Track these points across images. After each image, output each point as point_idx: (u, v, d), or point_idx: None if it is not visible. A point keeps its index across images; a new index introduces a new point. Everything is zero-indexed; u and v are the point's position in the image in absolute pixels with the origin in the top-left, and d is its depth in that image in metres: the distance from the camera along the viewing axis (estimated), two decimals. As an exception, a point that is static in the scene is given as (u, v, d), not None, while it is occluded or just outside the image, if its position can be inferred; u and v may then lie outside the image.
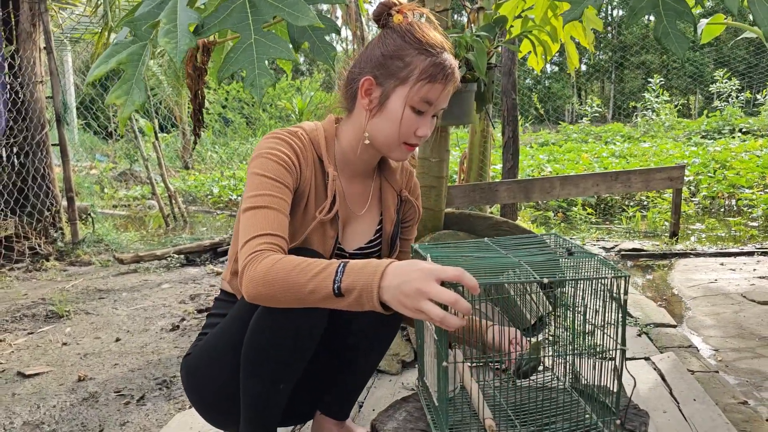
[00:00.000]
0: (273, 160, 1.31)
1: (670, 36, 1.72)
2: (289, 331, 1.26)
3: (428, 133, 1.37)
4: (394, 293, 1.05)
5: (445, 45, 1.36)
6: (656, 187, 4.83)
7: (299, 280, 1.12)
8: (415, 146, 1.38)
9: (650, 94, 13.50)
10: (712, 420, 1.80)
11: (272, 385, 1.31)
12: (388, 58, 1.33)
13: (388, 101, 1.33)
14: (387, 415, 1.28)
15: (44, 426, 2.02)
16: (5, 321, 3.14)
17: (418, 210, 1.58)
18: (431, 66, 1.30)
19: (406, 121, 1.33)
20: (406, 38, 1.33)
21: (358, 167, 1.45)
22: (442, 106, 1.36)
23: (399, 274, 1.06)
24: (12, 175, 4.73)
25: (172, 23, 1.61)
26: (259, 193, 1.27)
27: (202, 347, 1.43)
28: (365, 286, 1.08)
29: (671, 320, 2.80)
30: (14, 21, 4.74)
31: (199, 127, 3.29)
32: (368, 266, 1.09)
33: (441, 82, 1.31)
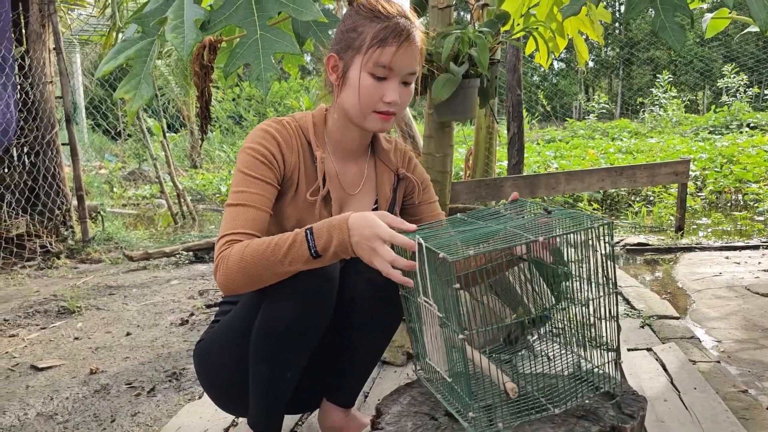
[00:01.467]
0: (253, 156, 1.37)
1: (667, 29, 1.75)
2: (297, 318, 1.30)
3: (396, 98, 1.37)
4: (359, 244, 1.19)
5: (405, 12, 1.39)
6: (661, 181, 4.84)
7: (275, 257, 1.23)
8: (389, 114, 1.39)
9: (658, 90, 13.46)
10: (712, 408, 1.83)
11: (280, 372, 1.36)
12: (346, 32, 1.39)
13: (349, 72, 1.38)
14: (391, 399, 1.32)
15: (57, 417, 2.07)
16: (18, 317, 3.20)
17: (415, 181, 1.59)
18: (381, 30, 1.34)
19: (368, 89, 1.36)
20: (360, 11, 1.39)
21: (349, 147, 1.49)
22: (407, 70, 1.37)
23: (361, 227, 1.18)
24: (23, 175, 4.80)
25: (179, 19, 1.66)
26: (239, 189, 1.35)
27: (213, 333, 1.48)
28: (339, 243, 1.20)
29: (674, 312, 2.82)
30: (24, 22, 4.80)
31: (206, 124, 3.33)
32: (332, 226, 1.21)
33: (393, 44, 1.33)
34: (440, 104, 2.52)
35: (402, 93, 1.39)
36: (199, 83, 3.04)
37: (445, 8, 2.70)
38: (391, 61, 1.34)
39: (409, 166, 1.61)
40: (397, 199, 1.58)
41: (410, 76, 1.39)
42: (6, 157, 4.73)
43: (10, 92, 4.59)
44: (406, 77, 1.38)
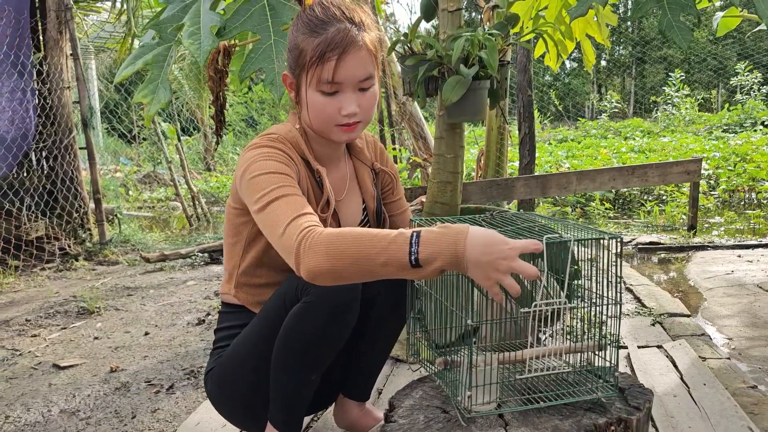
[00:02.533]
0: (272, 159, 1.30)
1: (674, 29, 1.78)
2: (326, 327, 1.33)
3: (354, 109, 1.32)
4: (477, 263, 1.03)
5: (343, 15, 1.31)
6: (673, 180, 4.84)
7: (369, 252, 1.06)
8: (352, 125, 1.34)
9: (671, 89, 13.40)
10: (720, 403, 1.85)
11: (305, 377, 1.39)
12: (290, 50, 1.35)
13: (300, 91, 1.35)
14: (404, 394, 1.36)
15: (80, 413, 2.13)
16: (40, 317, 3.28)
17: (391, 174, 1.61)
18: (318, 45, 1.28)
19: (321, 106, 1.32)
20: (298, 25, 1.34)
21: (329, 155, 1.47)
22: (355, 78, 1.31)
23: (484, 245, 1.03)
24: (42, 178, 4.89)
25: (195, 26, 1.71)
26: (271, 188, 1.24)
27: (226, 357, 1.47)
28: (451, 256, 1.04)
29: (685, 310, 2.84)
30: (42, 29, 4.90)
31: (221, 128, 3.39)
32: (446, 236, 1.05)
33: (332, 59, 1.27)
34: (451, 106, 2.56)
35: (362, 100, 1.33)
36: (214, 87, 3.10)
37: (455, 11, 2.74)
38: (334, 75, 1.28)
39: (382, 159, 1.62)
40: (379, 194, 1.60)
41: (365, 82, 1.33)
42: (25, 162, 4.82)
43: (29, 98, 4.69)
44: (359, 84, 1.32)
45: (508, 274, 1.02)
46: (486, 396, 1.17)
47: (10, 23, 4.48)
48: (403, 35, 2.73)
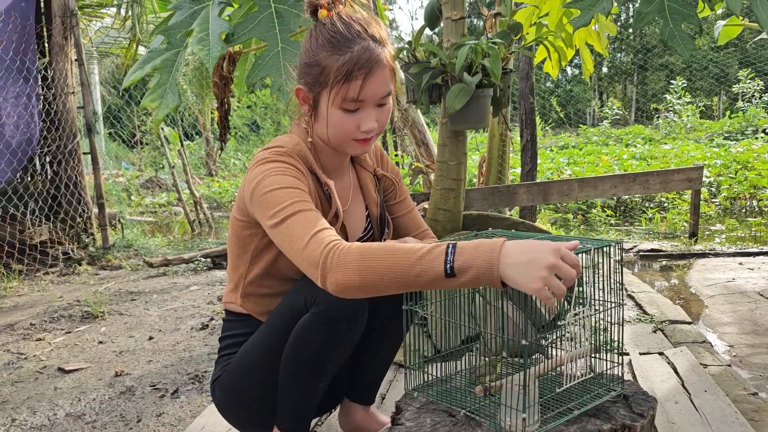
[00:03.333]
0: (285, 174, 1.29)
1: (676, 38, 1.80)
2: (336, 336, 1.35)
3: (373, 126, 1.33)
4: (519, 269, 1.02)
5: (366, 32, 1.30)
6: (674, 188, 4.86)
7: (403, 264, 1.07)
8: (368, 140, 1.35)
9: (672, 96, 13.43)
10: (721, 410, 1.87)
11: (314, 384, 1.41)
12: (308, 65, 1.33)
13: (318, 107, 1.35)
14: (411, 397, 1.37)
15: (85, 417, 2.15)
16: (44, 321, 3.30)
17: (392, 178, 1.61)
18: (344, 65, 1.27)
19: (339, 123, 1.32)
20: (319, 40, 1.31)
21: (334, 164, 1.48)
22: (378, 96, 1.32)
23: (523, 251, 1.03)
24: (46, 183, 4.92)
25: (204, 32, 1.73)
26: (287, 203, 1.23)
27: (234, 365, 1.48)
28: (484, 264, 1.03)
29: (687, 317, 2.85)
30: (47, 35, 4.93)
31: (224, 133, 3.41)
32: (482, 245, 1.05)
33: (358, 78, 1.28)
34: (454, 113, 2.58)
35: (379, 115, 1.35)
36: (219, 93, 3.13)
37: (459, 20, 2.76)
38: (360, 94, 1.29)
39: (383, 163, 1.62)
40: (382, 200, 1.61)
41: (385, 98, 1.34)
42: (30, 166, 4.85)
43: (34, 103, 4.72)
44: (380, 101, 1.34)
45: (553, 274, 1.01)
46: (534, 415, 1.17)
47: (16, 29, 4.52)
48: (407, 43, 2.76)
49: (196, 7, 1.94)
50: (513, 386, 1.17)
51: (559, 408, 1.22)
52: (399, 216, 1.65)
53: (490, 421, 1.21)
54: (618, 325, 1.28)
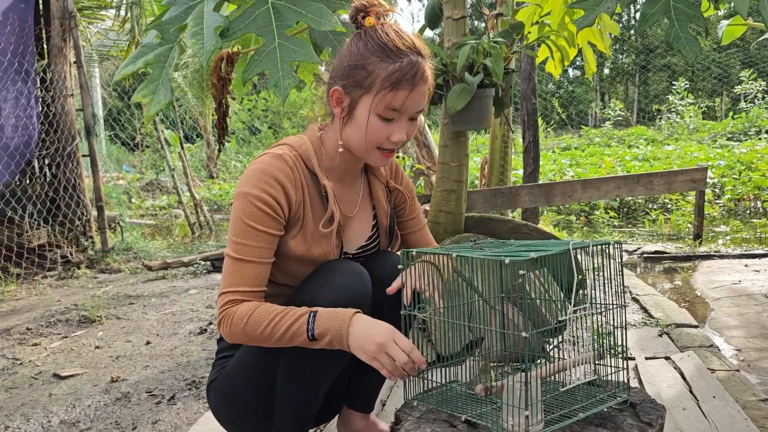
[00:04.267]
0: (257, 207, 1.31)
1: (681, 40, 1.76)
2: None
3: (403, 138, 1.35)
4: (358, 341, 1.23)
5: (415, 46, 1.33)
6: (678, 189, 4.81)
7: (275, 333, 1.26)
8: (391, 151, 1.37)
9: (674, 97, 13.38)
10: (731, 416, 1.82)
11: (313, 390, 1.38)
12: (353, 67, 1.32)
13: (356, 110, 1.33)
14: (410, 406, 1.33)
15: (80, 424, 2.11)
16: (40, 326, 3.25)
17: (405, 192, 1.60)
18: (393, 73, 1.28)
19: (375, 129, 1.32)
20: (369, 45, 1.31)
21: (346, 170, 1.47)
22: (416, 110, 1.34)
23: (366, 326, 1.23)
24: (44, 186, 4.88)
25: (198, 26, 1.69)
26: (240, 241, 1.32)
27: (230, 367, 1.45)
28: (336, 332, 1.23)
29: (693, 321, 2.81)
30: (46, 36, 4.90)
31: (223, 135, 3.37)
32: (337, 315, 1.24)
33: (405, 89, 1.29)
34: (455, 114, 2.54)
35: (410, 128, 1.36)
36: (217, 95, 3.09)
37: (460, 19, 2.72)
38: (404, 104, 1.31)
39: (397, 177, 1.61)
40: (393, 211, 1.59)
41: (418, 113, 1.36)
42: (28, 169, 4.82)
43: (33, 105, 4.69)
44: (414, 114, 1.35)
45: (383, 352, 1.21)
46: (537, 414, 1.14)
47: (14, 31, 4.48)
48: (408, 43, 2.72)
49: (191, 3, 1.90)
50: (514, 384, 1.13)
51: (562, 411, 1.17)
52: (409, 233, 1.64)
53: (493, 425, 1.17)
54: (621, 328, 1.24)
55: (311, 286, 1.36)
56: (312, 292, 1.34)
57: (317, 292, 1.33)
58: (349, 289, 1.33)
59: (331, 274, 1.36)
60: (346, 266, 1.39)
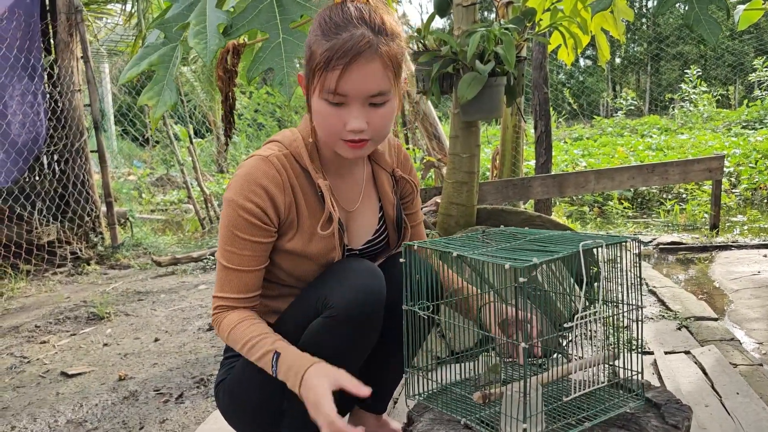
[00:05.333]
0: (243, 217, 1.26)
1: (702, 23, 1.69)
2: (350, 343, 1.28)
3: (361, 126, 1.20)
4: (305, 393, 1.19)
5: (363, 17, 1.18)
6: (694, 178, 4.72)
7: (251, 357, 1.28)
8: (358, 142, 1.23)
9: (687, 85, 13.20)
10: (756, 413, 1.75)
11: None
12: (306, 48, 1.24)
13: (311, 97, 1.24)
14: (423, 407, 1.28)
15: (87, 424, 2.07)
16: (49, 323, 3.23)
17: (412, 183, 1.51)
18: (326, 50, 1.16)
19: (325, 116, 1.21)
20: (316, 23, 1.22)
21: (342, 160, 1.37)
22: (365, 93, 1.18)
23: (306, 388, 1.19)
24: (53, 182, 4.86)
25: (201, 24, 1.64)
26: (228, 249, 1.29)
27: (241, 367, 1.40)
28: (291, 382, 1.22)
29: (712, 313, 2.73)
30: (52, 32, 4.87)
31: (230, 128, 3.33)
32: (294, 366, 1.21)
33: (336, 68, 1.15)
34: (466, 104, 2.48)
35: (372, 116, 1.21)
36: (223, 87, 3.04)
37: (470, 6, 2.66)
38: (338, 86, 1.16)
39: (405, 166, 1.52)
40: (399, 201, 1.51)
41: (377, 97, 1.20)
42: (36, 165, 4.79)
43: (40, 101, 4.66)
44: (369, 99, 1.20)
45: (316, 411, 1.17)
46: (537, 426, 1.09)
47: (21, 26, 4.45)
48: (416, 31, 2.65)
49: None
50: (513, 394, 1.08)
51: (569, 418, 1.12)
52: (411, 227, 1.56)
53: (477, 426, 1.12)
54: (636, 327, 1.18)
55: (323, 287, 1.30)
56: (324, 292, 1.28)
57: (330, 293, 1.27)
58: (362, 287, 1.27)
59: (343, 274, 1.31)
60: (358, 264, 1.33)
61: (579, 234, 1.28)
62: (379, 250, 1.49)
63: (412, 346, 1.28)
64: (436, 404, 1.25)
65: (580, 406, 1.16)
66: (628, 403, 1.18)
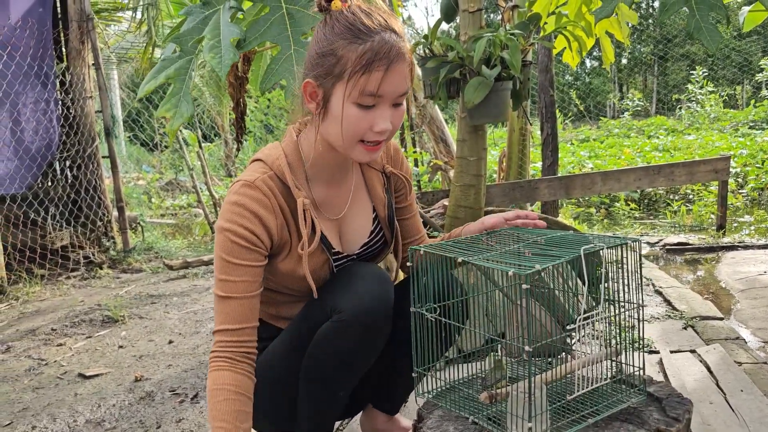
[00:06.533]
0: (232, 241, 1.28)
1: (702, 30, 1.72)
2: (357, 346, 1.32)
3: (388, 126, 1.24)
4: None
5: (387, 23, 1.23)
6: (701, 179, 4.75)
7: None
8: (377, 144, 1.27)
9: (694, 86, 13.18)
10: (759, 410, 1.79)
11: (333, 393, 1.39)
12: (322, 55, 1.23)
13: (330, 102, 1.24)
14: (432, 404, 1.32)
15: (105, 423, 2.13)
16: (65, 326, 3.29)
17: (403, 178, 1.52)
18: (365, 53, 1.18)
19: (353, 120, 1.22)
20: (336, 28, 1.22)
21: (333, 171, 1.39)
22: (397, 92, 1.23)
23: None
24: (66, 188, 4.93)
25: (216, 39, 1.69)
26: (222, 277, 1.29)
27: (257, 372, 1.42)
28: None
29: (718, 313, 2.77)
30: (64, 40, 4.95)
31: (241, 134, 3.38)
32: None
33: (380, 69, 1.19)
34: (473, 108, 2.52)
35: (394, 116, 1.26)
36: (234, 94, 3.10)
37: (476, 11, 2.70)
38: (380, 87, 1.20)
39: (396, 161, 1.53)
40: (392, 199, 1.52)
41: (401, 97, 1.25)
42: (50, 171, 4.87)
43: (53, 108, 4.74)
44: (396, 99, 1.25)
45: None
46: (542, 424, 1.13)
47: (34, 35, 4.53)
48: (423, 37, 2.70)
49: (207, 12, 1.90)
50: (519, 393, 1.12)
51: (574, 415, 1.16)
52: (402, 219, 1.58)
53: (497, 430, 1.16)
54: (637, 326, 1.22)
55: (333, 293, 1.34)
56: (334, 297, 1.32)
57: (340, 299, 1.31)
58: (370, 293, 1.31)
59: (352, 280, 1.35)
60: (367, 271, 1.36)
61: (583, 235, 1.32)
62: (377, 250, 1.52)
63: (420, 348, 1.31)
64: (445, 402, 1.29)
65: (585, 401, 1.20)
66: (630, 398, 1.22)
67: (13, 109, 4.41)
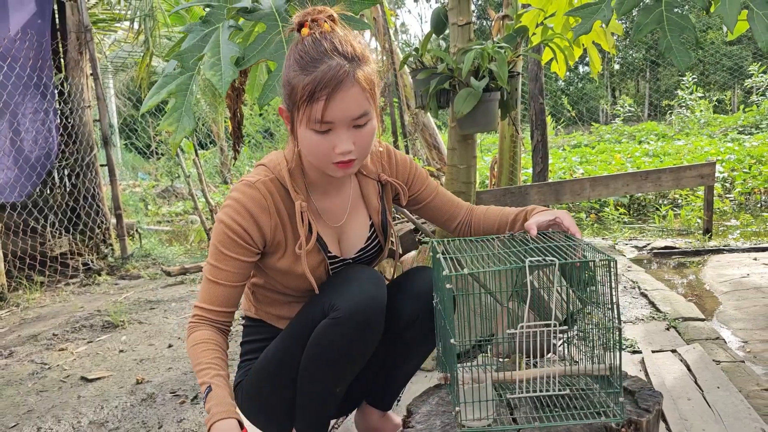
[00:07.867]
0: (227, 234, 1.38)
1: (673, 50, 1.82)
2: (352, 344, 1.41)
3: (349, 147, 1.29)
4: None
5: (336, 49, 1.26)
6: (687, 184, 4.85)
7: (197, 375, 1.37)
8: (348, 162, 1.32)
9: (684, 92, 13.33)
10: (734, 406, 1.88)
11: (330, 388, 1.47)
12: (284, 84, 1.32)
13: (297, 128, 1.32)
14: (421, 400, 1.41)
15: (108, 424, 2.21)
16: (66, 331, 3.37)
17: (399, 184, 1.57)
18: (308, 84, 1.25)
19: (314, 145, 1.30)
20: (291, 58, 1.30)
21: (327, 181, 1.47)
22: (350, 116, 1.27)
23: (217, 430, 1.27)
24: (65, 196, 5.01)
25: (216, 56, 1.78)
26: (213, 263, 1.40)
27: (257, 371, 1.53)
28: (206, 420, 1.29)
29: (700, 314, 2.86)
30: (63, 50, 5.03)
31: (238, 143, 3.47)
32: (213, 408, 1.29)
33: (321, 99, 1.24)
34: (462, 118, 2.62)
35: (357, 137, 1.30)
36: (232, 105, 3.19)
37: (465, 25, 2.80)
38: (324, 115, 1.25)
39: (391, 167, 1.59)
40: (387, 206, 1.60)
41: (360, 119, 1.29)
42: (49, 180, 4.95)
43: (52, 117, 4.82)
44: (354, 122, 1.29)
45: None
46: (479, 412, 1.23)
47: (33, 46, 4.62)
48: (414, 50, 2.80)
49: (207, 30, 1.98)
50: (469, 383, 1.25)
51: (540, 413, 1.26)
52: (428, 202, 1.64)
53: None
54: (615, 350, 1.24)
55: (331, 293, 1.43)
56: (332, 297, 1.41)
57: (337, 298, 1.40)
58: (365, 294, 1.39)
59: (347, 281, 1.44)
60: (362, 273, 1.45)
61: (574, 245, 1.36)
62: (373, 255, 1.61)
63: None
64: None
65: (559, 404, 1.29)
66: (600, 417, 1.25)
67: (12, 118, 4.49)
